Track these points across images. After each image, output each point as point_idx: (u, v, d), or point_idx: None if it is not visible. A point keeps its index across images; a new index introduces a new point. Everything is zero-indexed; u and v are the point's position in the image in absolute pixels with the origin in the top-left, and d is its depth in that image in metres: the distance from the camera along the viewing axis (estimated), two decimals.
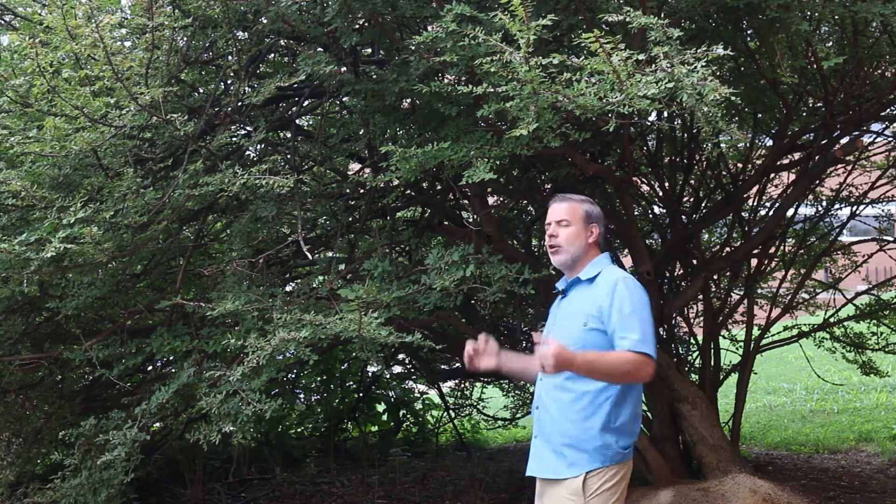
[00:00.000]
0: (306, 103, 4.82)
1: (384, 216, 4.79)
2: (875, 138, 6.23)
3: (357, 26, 4.07)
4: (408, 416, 8.14)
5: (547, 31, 3.22)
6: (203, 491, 6.11)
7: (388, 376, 7.74)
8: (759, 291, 6.42)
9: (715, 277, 6.20)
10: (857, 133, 5.41)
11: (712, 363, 5.76)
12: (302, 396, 7.80)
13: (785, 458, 7.04)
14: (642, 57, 2.92)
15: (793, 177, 5.79)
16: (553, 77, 3.01)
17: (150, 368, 5.22)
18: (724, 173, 6.15)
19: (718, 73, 4.88)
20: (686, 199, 6.09)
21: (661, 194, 6.00)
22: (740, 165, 6.16)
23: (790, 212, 6.01)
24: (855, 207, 6.32)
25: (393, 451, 7.51)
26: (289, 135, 4.74)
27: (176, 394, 3.80)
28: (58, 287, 4.21)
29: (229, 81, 4.44)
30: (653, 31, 2.91)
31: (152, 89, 3.58)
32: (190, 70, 4.53)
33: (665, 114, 4.76)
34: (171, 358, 4.41)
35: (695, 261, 5.91)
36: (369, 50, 4.55)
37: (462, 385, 7.96)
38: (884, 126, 6.13)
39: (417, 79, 3.61)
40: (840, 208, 6.45)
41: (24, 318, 4.52)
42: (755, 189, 5.92)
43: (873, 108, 5.10)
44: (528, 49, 2.90)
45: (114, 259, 3.91)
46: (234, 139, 4.38)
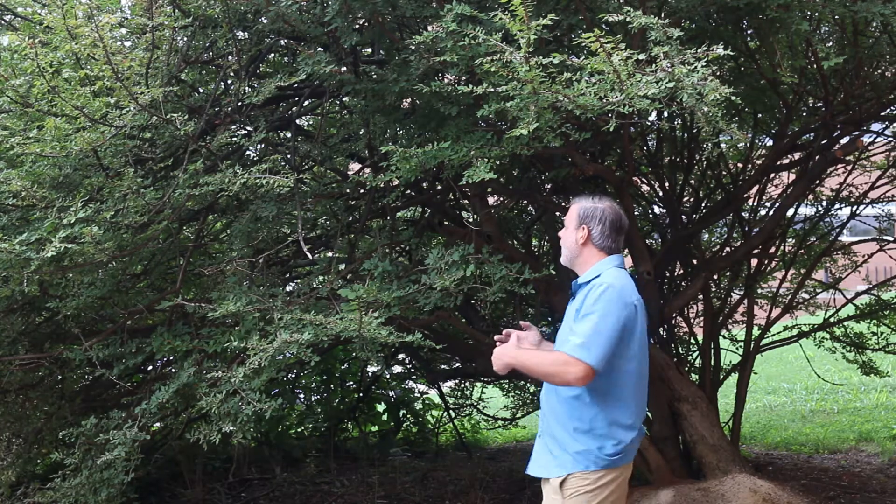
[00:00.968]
0: (306, 103, 4.82)
1: (384, 216, 4.79)
2: (875, 138, 6.23)
3: (357, 26, 4.07)
4: (408, 416, 8.14)
5: (547, 31, 3.22)
6: (203, 491, 6.11)
7: (388, 376, 7.74)
8: (759, 291, 6.42)
9: (715, 277, 6.20)
10: (857, 133, 5.40)
11: (712, 363, 5.76)
12: (302, 396, 7.80)
13: (785, 458, 7.04)
14: (642, 57, 2.92)
15: (793, 177, 5.78)
16: (553, 77, 3.01)
17: (150, 368, 5.22)
18: (724, 173, 6.15)
19: (718, 73, 4.88)
20: (686, 199, 6.09)
21: (661, 194, 6.00)
22: (740, 165, 6.16)
23: (790, 212, 6.01)
24: (855, 207, 6.32)
25: (393, 451, 7.52)
26: (289, 135, 4.74)
27: (176, 394, 3.80)
28: (58, 287, 4.20)
29: (229, 81, 4.44)
30: (653, 31, 2.91)
31: (152, 89, 3.58)
32: (190, 70, 4.53)
33: (665, 114, 4.76)
34: (172, 358, 4.40)
35: (695, 261, 5.91)
36: (369, 50, 4.55)
37: (462, 385, 7.95)
38: (884, 126, 6.12)
39: (417, 79, 3.61)
40: (840, 208, 6.45)
41: (24, 318, 4.52)
42: (755, 189, 5.92)
43: (873, 108, 5.09)
44: (529, 49, 2.90)
45: (114, 259, 3.91)
46: (235, 139, 4.37)
